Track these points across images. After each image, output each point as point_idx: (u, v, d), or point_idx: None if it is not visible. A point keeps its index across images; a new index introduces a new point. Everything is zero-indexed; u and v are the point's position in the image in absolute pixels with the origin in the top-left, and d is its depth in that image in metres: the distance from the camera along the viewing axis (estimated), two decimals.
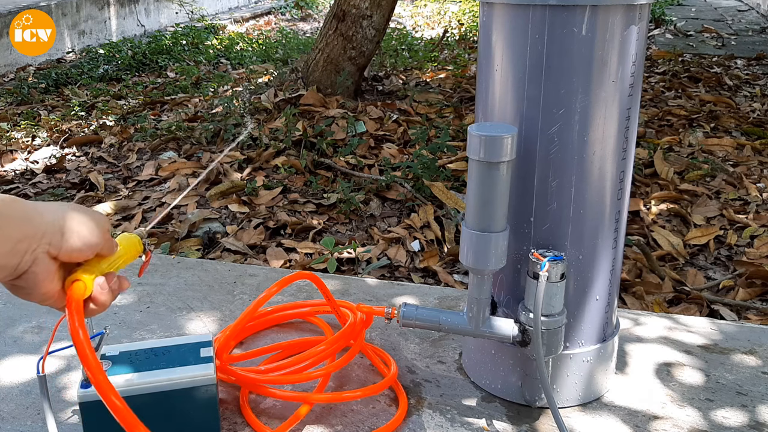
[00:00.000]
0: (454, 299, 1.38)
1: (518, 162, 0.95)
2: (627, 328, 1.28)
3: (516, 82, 0.95)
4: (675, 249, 2.11)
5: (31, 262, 0.63)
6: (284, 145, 2.88)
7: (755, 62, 4.66)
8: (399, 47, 4.84)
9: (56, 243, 0.64)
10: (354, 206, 2.36)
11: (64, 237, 0.64)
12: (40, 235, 0.63)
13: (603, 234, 1.00)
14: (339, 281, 1.47)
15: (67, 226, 0.65)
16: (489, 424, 1.02)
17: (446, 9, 7.41)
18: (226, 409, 1.05)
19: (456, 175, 2.55)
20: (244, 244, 2.15)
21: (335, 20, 3.41)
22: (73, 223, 0.65)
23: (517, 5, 0.92)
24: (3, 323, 1.30)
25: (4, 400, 1.08)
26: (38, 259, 0.63)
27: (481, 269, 0.95)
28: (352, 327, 1.11)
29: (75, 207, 0.68)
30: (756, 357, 1.19)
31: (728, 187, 2.54)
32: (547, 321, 0.96)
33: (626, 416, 1.04)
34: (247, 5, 8.44)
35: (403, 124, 3.15)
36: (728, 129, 3.20)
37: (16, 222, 0.62)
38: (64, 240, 0.64)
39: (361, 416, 1.04)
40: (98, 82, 4.49)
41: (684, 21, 6.29)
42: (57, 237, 0.64)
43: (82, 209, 0.68)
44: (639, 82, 0.97)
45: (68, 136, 3.25)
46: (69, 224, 0.65)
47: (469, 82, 3.94)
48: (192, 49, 5.45)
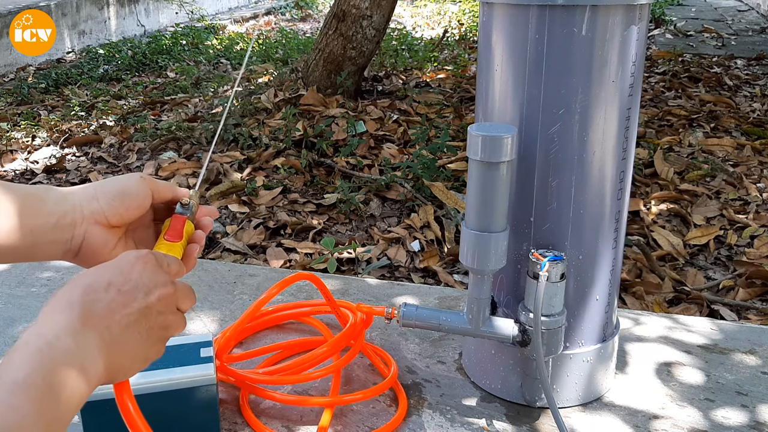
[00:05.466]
0: (454, 299, 1.38)
1: (518, 162, 0.95)
2: (627, 328, 1.28)
3: (516, 82, 0.95)
4: (675, 249, 2.11)
5: (82, 236, 0.69)
6: (284, 145, 2.88)
7: (755, 62, 4.66)
8: (399, 47, 4.84)
9: (97, 210, 0.69)
10: (354, 206, 2.36)
11: (99, 202, 0.69)
12: (79, 208, 0.68)
13: (603, 234, 1.00)
14: (339, 281, 1.47)
15: (100, 191, 0.70)
16: (489, 424, 1.02)
17: (446, 9, 7.40)
18: (226, 409, 1.05)
19: (456, 175, 2.55)
20: (244, 244, 2.15)
21: (335, 20, 3.41)
22: (106, 187, 0.71)
23: (517, 5, 0.92)
24: (3, 323, 1.30)
25: None
26: (88, 230, 0.69)
27: (481, 269, 0.95)
28: (353, 327, 1.11)
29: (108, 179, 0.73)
30: (756, 357, 1.19)
31: (728, 187, 2.54)
32: (547, 321, 0.96)
33: (626, 416, 1.04)
34: (247, 5, 8.44)
35: (403, 124, 3.15)
36: (728, 129, 3.20)
37: (54, 201, 0.68)
38: (103, 204, 0.69)
39: (361, 416, 1.04)
40: (98, 82, 4.49)
41: (684, 21, 6.29)
42: (94, 204, 0.69)
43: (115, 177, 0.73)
44: (639, 82, 0.97)
45: (68, 136, 3.25)
46: (103, 189, 0.71)
47: (469, 82, 3.94)
48: (192, 49, 5.45)
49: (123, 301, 0.60)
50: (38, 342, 0.54)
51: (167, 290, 0.64)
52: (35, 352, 0.53)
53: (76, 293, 0.59)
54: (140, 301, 0.61)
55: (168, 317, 0.65)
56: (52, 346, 0.54)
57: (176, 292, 0.66)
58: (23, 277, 1.47)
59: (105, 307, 0.59)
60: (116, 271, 0.62)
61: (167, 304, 0.64)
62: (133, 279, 0.62)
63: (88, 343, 0.56)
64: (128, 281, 0.61)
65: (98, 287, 0.60)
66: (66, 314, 0.57)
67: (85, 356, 0.56)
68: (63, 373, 0.53)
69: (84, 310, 0.58)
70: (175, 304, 0.66)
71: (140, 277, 0.62)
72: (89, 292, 0.59)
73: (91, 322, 0.57)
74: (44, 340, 0.54)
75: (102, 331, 0.58)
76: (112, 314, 0.59)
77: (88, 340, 0.56)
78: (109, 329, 0.58)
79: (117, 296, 0.60)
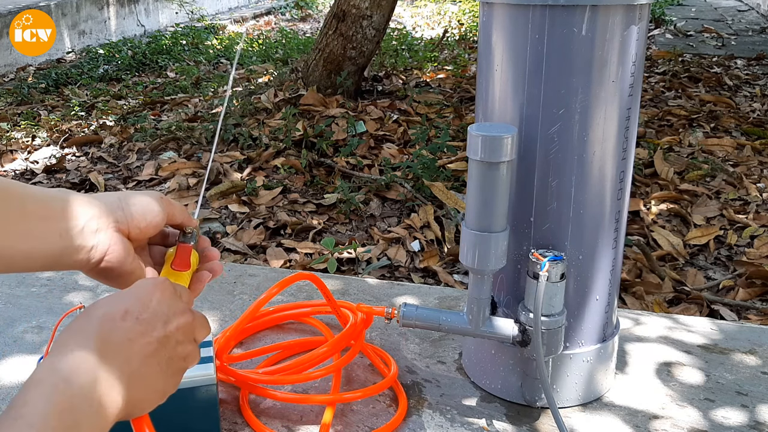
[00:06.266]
0: (454, 299, 1.38)
1: (518, 162, 0.95)
2: (627, 328, 1.28)
3: (516, 82, 0.95)
4: (675, 249, 2.11)
5: (107, 243, 0.66)
6: (284, 145, 2.88)
7: (755, 62, 4.66)
8: (399, 47, 4.84)
9: (122, 219, 0.67)
10: (354, 206, 2.36)
11: (125, 212, 0.68)
12: (106, 214, 0.66)
13: (603, 234, 1.00)
14: (339, 281, 1.47)
15: (125, 202, 0.69)
16: (489, 424, 1.02)
17: (446, 9, 7.41)
18: (226, 409, 1.05)
19: (456, 175, 2.55)
20: (244, 244, 2.15)
21: (335, 20, 3.42)
22: (130, 198, 0.70)
23: (517, 5, 0.92)
24: (3, 323, 1.30)
25: (4, 400, 1.08)
26: (112, 237, 0.66)
27: (481, 269, 0.95)
28: (353, 327, 1.11)
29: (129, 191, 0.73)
30: (756, 357, 1.19)
31: (728, 187, 2.54)
32: (547, 321, 0.96)
33: (626, 416, 1.04)
34: (247, 5, 8.44)
35: (403, 124, 3.15)
36: (728, 129, 3.20)
37: (81, 205, 0.66)
38: (127, 214, 0.68)
39: (361, 416, 1.04)
40: (98, 82, 4.49)
41: (684, 21, 6.29)
42: (120, 213, 0.67)
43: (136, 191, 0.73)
44: (639, 82, 0.97)
45: (68, 136, 3.25)
46: (127, 200, 0.69)
47: (469, 82, 3.94)
48: (192, 49, 5.45)
49: (142, 330, 0.58)
50: (54, 378, 0.51)
51: (186, 319, 0.62)
52: (51, 391, 0.50)
53: (92, 323, 0.56)
54: (159, 330, 0.59)
55: (186, 347, 0.62)
56: (69, 382, 0.51)
57: (194, 320, 0.64)
58: (23, 277, 1.47)
59: (123, 337, 0.56)
60: (133, 300, 0.60)
61: (186, 333, 0.62)
62: (152, 307, 0.60)
63: (106, 377, 0.53)
64: (146, 309, 0.59)
65: (115, 316, 0.57)
66: (82, 346, 0.54)
67: (104, 392, 0.53)
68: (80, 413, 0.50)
69: (101, 340, 0.55)
70: (193, 333, 0.64)
71: (159, 305, 0.60)
72: (106, 321, 0.57)
73: (109, 353, 0.55)
74: (60, 376, 0.51)
75: (121, 363, 0.55)
76: (131, 344, 0.57)
77: (107, 374, 0.53)
78: (128, 362, 0.56)
79: (135, 325, 0.58)
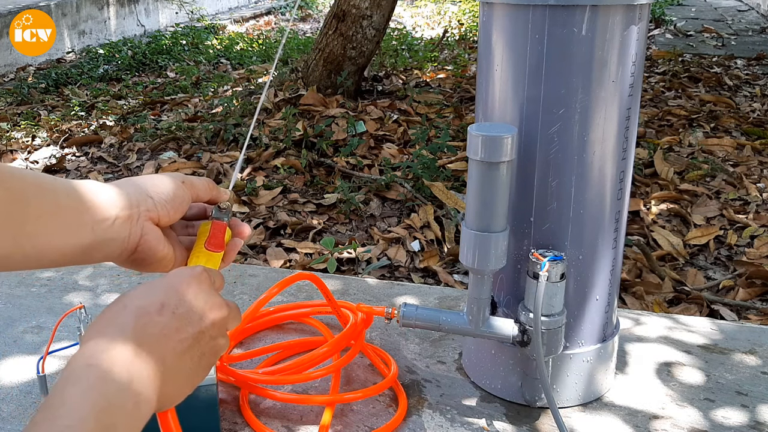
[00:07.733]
0: (454, 299, 1.38)
1: (518, 162, 0.95)
2: (627, 328, 1.28)
3: (516, 82, 0.95)
4: (675, 249, 2.11)
5: (139, 233, 0.65)
6: (284, 145, 2.88)
7: (755, 62, 4.65)
8: (399, 47, 4.84)
9: (151, 206, 0.66)
10: (354, 206, 2.36)
11: (154, 200, 0.67)
12: (136, 204, 0.65)
13: (603, 234, 1.00)
14: (339, 281, 1.47)
15: (150, 190, 0.67)
16: (489, 424, 1.02)
17: (446, 9, 7.41)
18: (226, 409, 1.05)
19: (456, 175, 2.55)
20: (243, 244, 2.15)
21: (335, 20, 3.42)
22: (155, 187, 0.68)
23: (517, 5, 0.92)
24: (3, 323, 1.30)
25: (4, 401, 1.08)
26: (144, 226, 0.65)
27: (481, 269, 0.95)
28: (353, 328, 1.11)
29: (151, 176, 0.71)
30: (756, 357, 1.19)
31: (728, 187, 2.54)
32: (547, 321, 0.96)
33: (626, 416, 1.04)
34: (247, 5, 8.44)
35: (403, 124, 3.15)
36: (728, 129, 3.20)
37: (111, 196, 0.64)
38: (157, 202, 0.67)
39: (361, 416, 1.04)
40: (98, 82, 4.49)
41: (684, 21, 6.29)
42: (149, 202, 0.66)
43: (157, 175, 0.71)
44: (639, 82, 0.97)
45: (68, 136, 3.25)
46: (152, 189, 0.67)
47: (469, 82, 3.94)
48: (192, 49, 5.45)
49: (177, 326, 0.57)
50: (90, 376, 0.50)
51: (222, 313, 0.61)
52: (87, 390, 0.49)
53: (127, 316, 0.55)
54: (195, 325, 0.58)
55: (219, 341, 0.61)
56: (105, 380, 0.50)
57: (229, 314, 0.63)
58: (23, 277, 1.47)
59: (159, 333, 0.55)
60: (170, 292, 0.58)
61: (220, 328, 0.61)
62: (188, 301, 0.58)
63: (142, 375, 0.53)
64: (182, 303, 0.58)
65: (151, 309, 0.56)
66: (118, 341, 0.53)
67: (139, 390, 0.52)
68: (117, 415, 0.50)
69: (136, 335, 0.54)
70: (226, 327, 0.63)
71: (195, 298, 0.59)
72: (142, 315, 0.55)
73: (144, 350, 0.54)
74: (96, 373, 0.51)
75: (156, 361, 0.54)
76: (166, 341, 0.55)
77: (142, 372, 0.53)
78: (163, 360, 0.55)
79: (171, 320, 0.56)
